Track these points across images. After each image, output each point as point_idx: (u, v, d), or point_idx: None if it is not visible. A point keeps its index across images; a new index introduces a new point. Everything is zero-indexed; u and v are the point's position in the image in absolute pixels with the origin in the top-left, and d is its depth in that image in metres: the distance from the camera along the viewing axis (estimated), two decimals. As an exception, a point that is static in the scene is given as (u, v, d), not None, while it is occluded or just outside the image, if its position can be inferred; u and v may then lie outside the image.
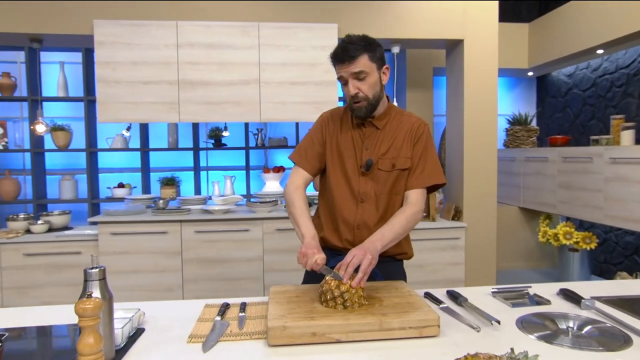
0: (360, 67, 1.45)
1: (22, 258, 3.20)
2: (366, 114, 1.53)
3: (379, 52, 1.51)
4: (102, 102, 3.20)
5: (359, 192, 1.57)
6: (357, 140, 1.59)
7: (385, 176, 1.56)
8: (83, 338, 0.94)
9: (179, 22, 3.19)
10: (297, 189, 1.59)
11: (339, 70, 1.49)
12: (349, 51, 1.44)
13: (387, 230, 1.44)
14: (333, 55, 1.49)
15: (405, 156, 1.56)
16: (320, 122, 1.68)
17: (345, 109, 1.65)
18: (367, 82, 1.48)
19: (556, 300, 1.44)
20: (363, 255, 1.30)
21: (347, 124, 1.62)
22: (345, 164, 1.59)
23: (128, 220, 3.16)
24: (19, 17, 3.17)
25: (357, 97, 1.49)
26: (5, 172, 4.21)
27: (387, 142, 1.57)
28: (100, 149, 4.20)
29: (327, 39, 3.30)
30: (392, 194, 1.58)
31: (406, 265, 3.38)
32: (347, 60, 1.45)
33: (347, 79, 1.48)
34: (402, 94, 4.50)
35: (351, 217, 1.57)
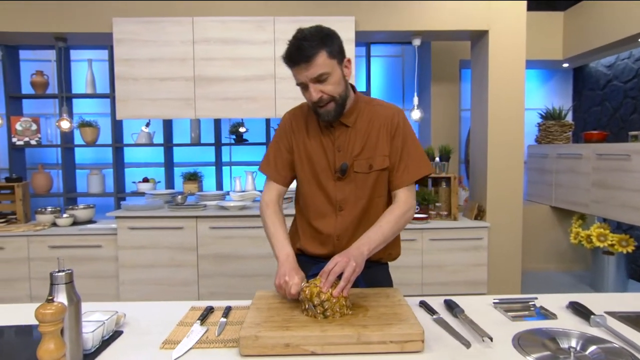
0: (319, 70, 1.28)
1: (48, 250, 3.31)
2: (335, 117, 1.38)
3: (338, 44, 1.34)
4: (121, 98, 3.26)
5: (336, 199, 1.44)
6: (327, 142, 1.44)
7: (363, 178, 1.43)
8: (43, 344, 0.93)
9: (195, 18, 3.19)
10: (269, 206, 1.49)
11: (296, 73, 1.32)
12: (305, 50, 1.26)
13: (374, 233, 1.34)
14: (287, 57, 1.31)
15: (382, 154, 1.43)
16: (284, 126, 1.53)
17: (310, 107, 1.46)
18: (330, 82, 1.31)
19: (564, 315, 1.32)
20: (346, 262, 1.21)
21: (314, 125, 1.47)
22: (318, 171, 1.45)
23: (146, 215, 3.22)
24: (44, 17, 3.26)
25: (322, 100, 1.32)
26: (39, 167, 4.38)
27: (360, 141, 1.43)
28: (126, 145, 4.29)
29: (344, 33, 3.17)
30: (374, 197, 1.45)
31: (424, 265, 3.29)
32: (303, 62, 1.27)
33: (306, 84, 1.31)
34: (426, 88, 4.35)
35: (330, 228, 1.45)
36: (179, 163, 4.61)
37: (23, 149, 4.39)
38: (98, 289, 3.31)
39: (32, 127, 4.24)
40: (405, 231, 3.29)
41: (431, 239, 3.33)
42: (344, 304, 1.18)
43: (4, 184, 3.61)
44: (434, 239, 3.33)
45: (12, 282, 3.30)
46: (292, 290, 1.23)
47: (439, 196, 3.58)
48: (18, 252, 3.30)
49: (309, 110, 1.48)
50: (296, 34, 1.31)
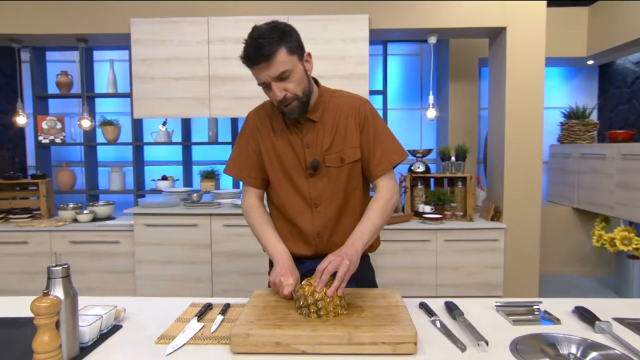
0: (281, 67, 1.25)
1: (69, 245, 3.41)
2: (300, 114, 1.35)
3: (296, 39, 1.30)
4: (138, 97, 3.33)
5: (310, 197, 1.43)
6: (295, 140, 1.41)
7: (336, 173, 1.41)
8: (38, 336, 0.96)
9: (210, 18, 3.23)
10: (252, 208, 1.50)
11: (256, 73, 1.28)
12: (263, 48, 1.22)
13: (365, 226, 1.34)
14: (245, 57, 1.27)
15: (353, 146, 1.41)
16: (249, 127, 1.49)
17: (273, 105, 1.42)
18: (292, 80, 1.28)
19: (568, 320, 1.28)
20: (339, 261, 1.21)
21: (280, 123, 1.43)
22: (289, 169, 1.43)
23: (161, 213, 3.28)
24: (66, 19, 3.36)
25: (286, 99, 1.30)
26: (63, 164, 4.52)
27: (329, 135, 1.40)
28: (145, 143, 4.38)
29: (358, 31, 3.20)
30: (350, 190, 1.44)
31: (438, 266, 3.25)
32: (264, 61, 1.23)
33: (269, 83, 1.28)
34: (444, 86, 4.28)
35: (308, 226, 1.44)
36: (197, 161, 4.68)
37: (49, 147, 4.54)
38: (115, 284, 3.39)
39: (57, 125, 4.38)
40: (419, 231, 3.26)
41: (446, 240, 3.28)
42: (338, 303, 1.17)
43: (29, 180, 3.73)
44: (448, 240, 3.28)
45: (34, 275, 3.42)
46: (284, 292, 1.25)
47: (455, 196, 3.52)
48: (41, 246, 3.41)
49: (273, 108, 1.44)
50: (252, 32, 1.27)
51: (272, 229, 1.46)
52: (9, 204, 3.82)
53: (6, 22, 3.37)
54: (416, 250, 3.31)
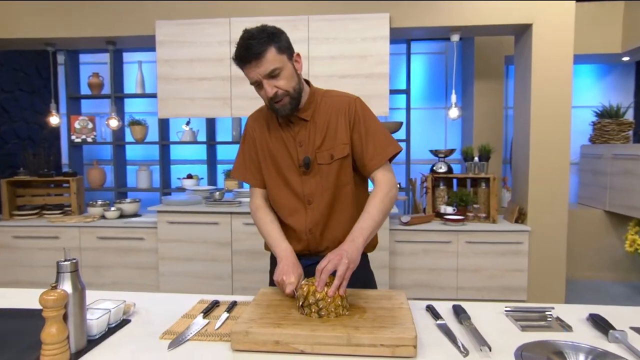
0: (271, 65, 1.30)
1: (97, 241, 3.53)
2: (291, 111, 1.39)
3: (285, 40, 1.35)
4: (162, 98, 3.41)
5: (303, 194, 1.46)
6: (288, 139, 1.45)
7: (327, 170, 1.44)
8: (46, 328, 1.00)
9: (232, 19, 3.28)
10: (258, 209, 1.53)
11: (248, 72, 1.33)
12: (253, 48, 1.28)
13: (364, 221, 1.33)
14: (237, 57, 1.32)
15: (342, 143, 1.43)
16: (247, 131, 1.55)
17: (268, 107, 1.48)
18: (283, 77, 1.33)
19: (581, 327, 1.23)
20: (339, 260, 1.20)
21: (274, 124, 1.48)
22: (282, 168, 1.47)
23: (183, 211, 3.35)
24: (95, 22, 3.47)
25: (277, 96, 1.34)
26: (94, 163, 4.69)
27: (320, 133, 1.43)
28: (172, 142, 4.48)
29: (378, 30, 3.17)
30: (339, 186, 1.46)
31: (459, 268, 3.19)
32: (254, 60, 1.29)
33: (260, 81, 1.32)
34: (469, 85, 4.19)
35: (301, 222, 1.47)
36: (221, 160, 4.76)
37: (81, 145, 4.72)
38: (140, 279, 3.49)
39: (89, 125, 4.54)
40: (440, 233, 3.21)
41: (467, 242, 3.22)
42: (339, 304, 1.17)
43: (61, 178, 3.89)
44: (470, 242, 3.21)
45: (65, 269, 3.55)
46: (287, 290, 1.26)
47: (478, 197, 3.45)
48: (71, 241, 3.55)
49: (268, 111, 1.49)
50: (243, 34, 1.33)
51: (277, 228, 1.49)
52: (43, 200, 3.99)
53: (41, 27, 3.52)
54: (437, 251, 3.26)
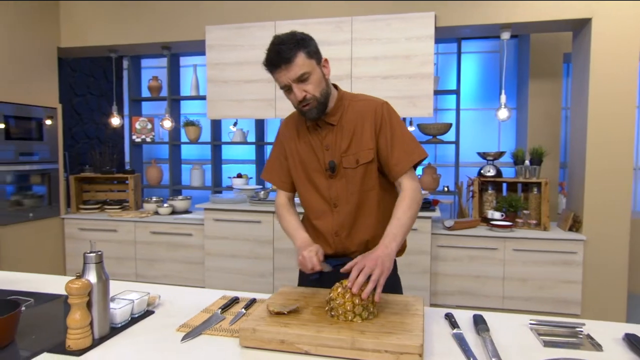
0: (300, 70, 1.33)
1: (149, 235, 3.75)
2: (318, 115, 1.42)
3: (313, 45, 1.39)
4: (211, 100, 3.55)
5: (330, 197, 1.49)
6: (315, 143, 1.48)
7: (352, 174, 1.46)
8: (71, 313, 1.08)
9: (277, 22, 3.34)
10: (281, 206, 1.60)
11: (278, 77, 1.37)
12: (283, 53, 1.32)
13: (396, 227, 1.34)
14: (267, 61, 1.37)
15: (368, 148, 1.44)
16: (279, 136, 1.61)
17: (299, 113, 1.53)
18: (311, 81, 1.36)
19: (614, 347, 1.13)
20: (374, 264, 1.21)
21: (304, 129, 1.52)
22: (310, 171, 1.50)
23: (228, 209, 3.46)
24: (152, 29, 3.69)
25: (306, 99, 1.37)
26: (152, 161, 4.97)
27: (347, 137, 1.45)
28: (223, 142, 4.66)
29: (423, 29, 3.10)
30: (364, 191, 1.47)
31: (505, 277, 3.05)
32: (284, 64, 1.33)
33: (290, 85, 1.36)
34: (524, 85, 3.98)
35: (328, 225, 1.50)
36: (270, 160, 4.87)
37: (141, 145, 5.03)
38: (187, 273, 3.66)
39: (148, 126, 4.82)
40: (486, 239, 3.08)
41: (515, 249, 3.06)
42: (348, 309, 1.15)
43: (121, 175, 4.16)
44: (518, 250, 3.05)
45: (122, 260, 3.81)
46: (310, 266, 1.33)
47: (529, 203, 3.27)
48: (127, 235, 3.79)
49: (299, 117, 1.53)
50: (273, 40, 1.37)
51: (297, 221, 1.54)
52: (105, 195, 4.30)
53: (104, 35, 3.79)
54: (482, 258, 3.13)
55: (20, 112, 3.53)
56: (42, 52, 3.73)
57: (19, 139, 3.54)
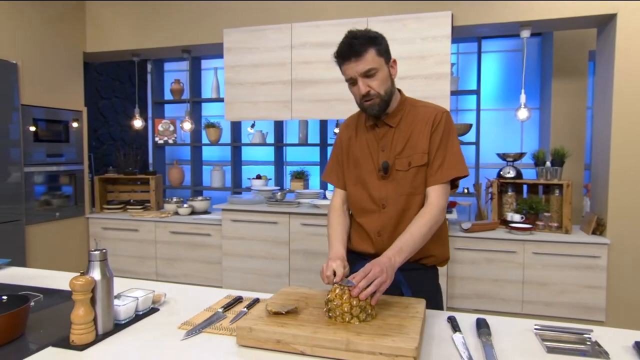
0: (368, 65, 1.35)
1: (169, 235, 3.83)
2: (379, 111, 1.43)
3: (385, 44, 1.41)
4: (229, 102, 3.60)
5: (379, 197, 1.49)
6: (371, 143, 1.50)
7: (403, 176, 1.46)
8: (75, 309, 1.11)
9: (293, 24, 3.36)
10: (333, 211, 1.59)
11: (346, 69, 1.40)
12: (355, 47, 1.35)
13: (406, 241, 1.33)
14: (338, 53, 1.39)
15: (422, 151, 1.44)
16: (339, 135, 1.63)
17: (360, 114, 1.57)
18: (377, 78, 1.38)
19: (622, 356, 1.09)
20: (380, 272, 1.20)
21: (362, 128, 1.54)
22: (363, 170, 1.52)
23: (245, 209, 3.50)
24: (172, 33, 3.77)
25: (369, 95, 1.39)
26: (174, 162, 5.07)
27: (402, 140, 1.46)
28: (243, 144, 4.71)
29: (439, 29, 3.06)
30: (412, 194, 1.46)
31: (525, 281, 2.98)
32: (354, 57, 1.35)
33: (356, 79, 1.38)
34: (547, 84, 3.88)
35: (373, 224, 1.50)
36: (290, 162, 4.90)
37: (163, 147, 5.14)
38: (206, 273, 3.71)
39: (170, 128, 4.92)
40: (504, 241, 3.02)
41: (534, 253, 2.98)
42: (346, 310, 1.15)
43: (142, 176, 4.27)
44: (537, 253, 2.97)
45: (143, 259, 3.90)
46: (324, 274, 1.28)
47: (550, 205, 3.17)
48: (148, 234, 3.88)
49: (359, 117, 1.57)
50: (347, 34, 1.39)
51: (341, 232, 1.52)
52: (129, 196, 4.42)
53: (127, 39, 3.90)
54: (500, 261, 3.06)
55: (48, 115, 3.66)
56: (69, 57, 3.87)
57: (47, 141, 3.67)
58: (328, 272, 1.28)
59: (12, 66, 3.37)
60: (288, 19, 3.43)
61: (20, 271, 1.81)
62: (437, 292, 1.56)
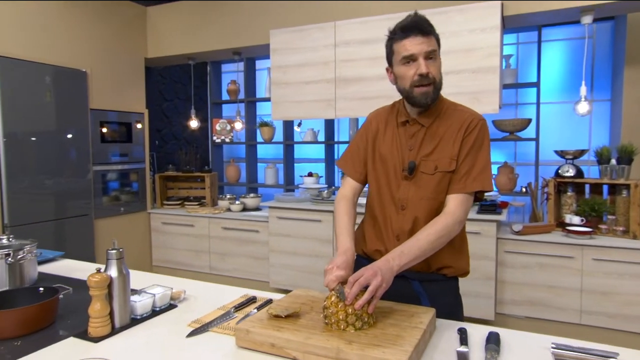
0: (433, 46, 1.31)
1: (221, 230, 3.99)
2: (432, 100, 1.36)
3: (439, 38, 1.37)
4: (275, 101, 3.67)
5: (399, 198, 1.42)
6: (400, 140, 1.43)
7: (427, 179, 1.39)
8: (92, 304, 1.20)
9: (337, 22, 3.35)
10: (342, 200, 1.52)
11: (408, 44, 1.30)
12: (423, 25, 1.30)
13: (409, 246, 1.26)
14: (404, 27, 1.31)
15: (450, 157, 1.36)
16: (365, 125, 1.56)
17: (392, 107, 1.51)
18: (436, 65, 1.33)
19: (646, 383, 0.98)
20: (372, 276, 1.16)
21: (392, 124, 1.47)
22: (388, 168, 1.44)
23: (290, 207, 3.56)
24: (222, 36, 3.92)
25: (428, 77, 1.31)
26: (231, 160, 5.28)
27: (432, 142, 1.39)
28: (295, 142, 4.78)
29: (488, 20, 2.89)
30: (435, 200, 1.38)
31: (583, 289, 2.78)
32: (420, 34, 1.28)
33: (417, 57, 1.29)
34: (619, 73, 3.52)
35: (391, 226, 1.43)
36: (340, 159, 4.89)
37: (221, 145, 5.36)
38: (254, 268, 3.83)
39: (227, 127, 5.12)
40: (561, 246, 2.81)
41: (595, 259, 2.74)
42: (341, 318, 1.13)
43: (199, 174, 4.48)
44: (599, 259, 2.72)
45: (198, 253, 4.11)
46: (326, 280, 1.24)
47: (616, 207, 2.89)
48: (202, 229, 4.08)
49: (391, 110, 1.50)
50: (411, 14, 1.35)
51: (350, 225, 1.46)
52: (187, 192, 4.67)
53: (182, 44, 4.12)
54: (555, 267, 2.84)
55: (114, 117, 3.97)
56: (132, 63, 4.16)
57: (113, 142, 3.98)
58: (325, 281, 1.24)
59: (83, 74, 3.69)
60: (332, 17, 3.42)
61: (70, 263, 1.98)
62: (457, 304, 1.48)
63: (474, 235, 2.92)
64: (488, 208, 2.98)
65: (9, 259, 1.55)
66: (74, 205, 3.63)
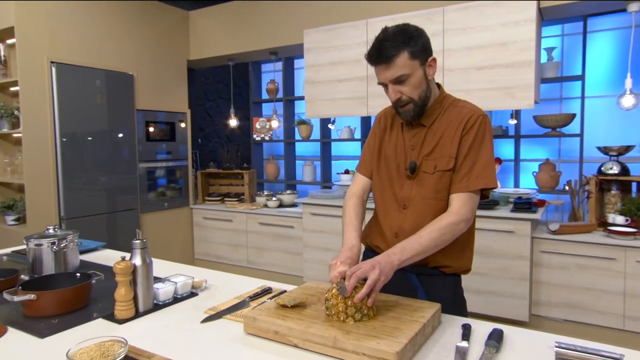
0: (398, 71, 1.28)
1: (258, 226, 4.12)
2: (414, 117, 1.38)
3: (422, 44, 1.31)
4: (309, 100, 3.74)
5: (402, 197, 1.44)
6: (403, 140, 1.45)
7: (428, 178, 1.40)
8: (117, 289, 1.32)
9: (369, 20, 3.36)
10: (351, 197, 1.55)
11: (377, 72, 1.34)
12: (386, 50, 1.27)
13: (411, 243, 1.28)
14: (368, 56, 1.33)
15: (449, 155, 1.36)
16: (375, 124, 1.59)
17: None
18: (409, 84, 1.31)
19: (648, 386, 0.95)
20: (370, 269, 1.18)
21: (397, 123, 1.49)
22: (390, 167, 1.47)
23: (322, 204, 3.62)
24: (259, 37, 4.03)
25: (401, 101, 1.34)
26: (270, 158, 5.41)
27: (433, 141, 1.40)
28: (332, 140, 4.83)
29: (522, 12, 2.80)
30: (436, 199, 1.39)
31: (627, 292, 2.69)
32: (383, 63, 1.28)
33: (386, 83, 1.33)
34: (672, 63, 3.29)
35: (392, 224, 1.45)
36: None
37: (261, 143, 5.51)
38: (288, 263, 3.92)
39: (267, 125, 5.25)
40: (602, 247, 2.69)
41: (639, 261, 2.59)
42: (341, 310, 1.17)
43: (238, 171, 4.64)
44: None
45: (236, 247, 4.26)
46: (330, 275, 1.28)
47: (664, 207, 2.72)
48: (240, 224, 4.22)
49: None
50: (380, 34, 1.32)
51: (357, 222, 1.49)
52: (227, 189, 4.84)
53: (221, 45, 4.28)
54: (595, 268, 2.72)
55: (158, 117, 4.20)
56: (175, 65, 4.37)
57: (158, 140, 4.21)
58: (330, 275, 1.27)
59: (130, 77, 3.93)
60: (364, 15, 3.43)
61: (110, 253, 2.14)
62: (455, 301, 1.46)
63: (507, 234, 2.85)
64: (522, 206, 2.89)
65: (54, 247, 1.71)
66: (123, 200, 3.88)
